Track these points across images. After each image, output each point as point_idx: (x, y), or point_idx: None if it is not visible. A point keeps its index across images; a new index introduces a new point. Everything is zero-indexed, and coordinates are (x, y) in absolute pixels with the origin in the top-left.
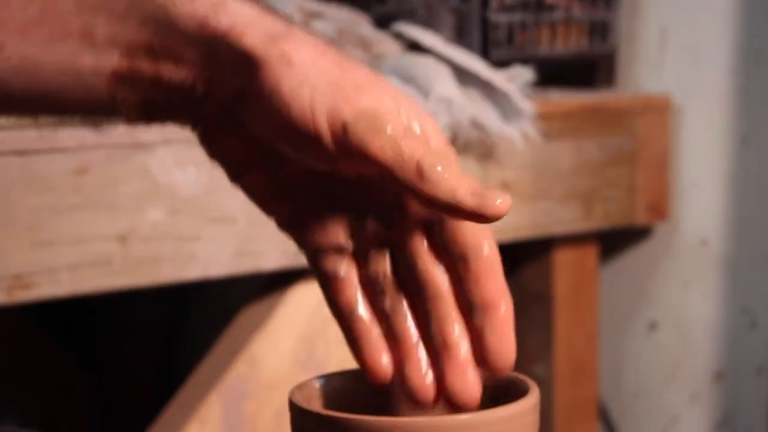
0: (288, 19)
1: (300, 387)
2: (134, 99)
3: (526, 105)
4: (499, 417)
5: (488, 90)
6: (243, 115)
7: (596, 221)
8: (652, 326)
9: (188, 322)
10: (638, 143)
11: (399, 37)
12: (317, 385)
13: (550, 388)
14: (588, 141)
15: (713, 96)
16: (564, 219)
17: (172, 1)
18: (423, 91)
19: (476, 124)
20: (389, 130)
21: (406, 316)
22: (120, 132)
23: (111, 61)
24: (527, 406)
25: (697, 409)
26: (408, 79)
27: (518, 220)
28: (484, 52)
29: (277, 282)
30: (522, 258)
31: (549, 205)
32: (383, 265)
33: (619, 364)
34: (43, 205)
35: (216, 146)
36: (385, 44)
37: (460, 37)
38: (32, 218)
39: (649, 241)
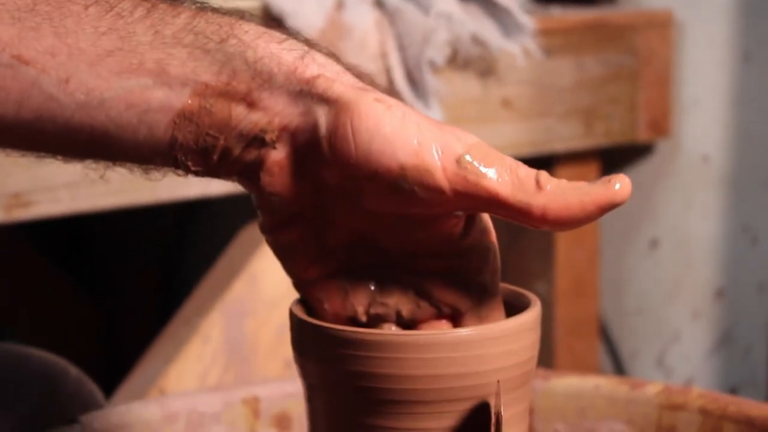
0: (369, 80)
1: (301, 299)
2: (194, 142)
3: (527, 20)
4: (500, 330)
5: (489, 5)
6: (318, 162)
7: (597, 138)
8: (653, 244)
9: (189, 241)
10: (640, 59)
11: None
12: None
13: (550, 305)
14: (589, 57)
15: (716, 12)
16: (565, 136)
17: (254, 45)
18: (423, 7)
19: (477, 40)
20: (505, 160)
21: None
22: None
23: (181, 99)
24: (529, 319)
25: (697, 326)
26: None
27: (518, 137)
28: None
29: None
30: None
31: (549, 122)
32: None
33: (619, 281)
34: None
35: (266, 194)
36: None
37: None
38: None
39: (651, 158)
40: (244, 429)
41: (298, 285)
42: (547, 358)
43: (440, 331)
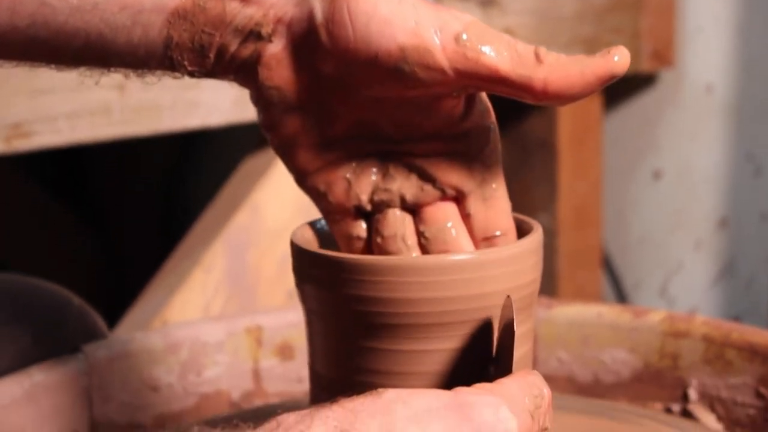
0: None
1: (302, 228)
2: (190, 41)
3: None
4: (501, 256)
5: None
6: (316, 52)
7: None
8: (657, 174)
9: (190, 172)
10: None
11: None
12: (320, 226)
13: (554, 236)
14: None
15: None
16: None
17: None
18: None
19: None
20: (503, 36)
21: None
22: None
23: None
24: (530, 245)
25: (701, 256)
26: None
27: None
28: None
29: None
30: (525, 106)
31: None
32: (402, 228)
33: (623, 212)
34: None
35: (265, 88)
36: None
37: None
38: None
39: (654, 88)
40: (247, 358)
41: (300, 180)
42: (550, 289)
43: (441, 255)
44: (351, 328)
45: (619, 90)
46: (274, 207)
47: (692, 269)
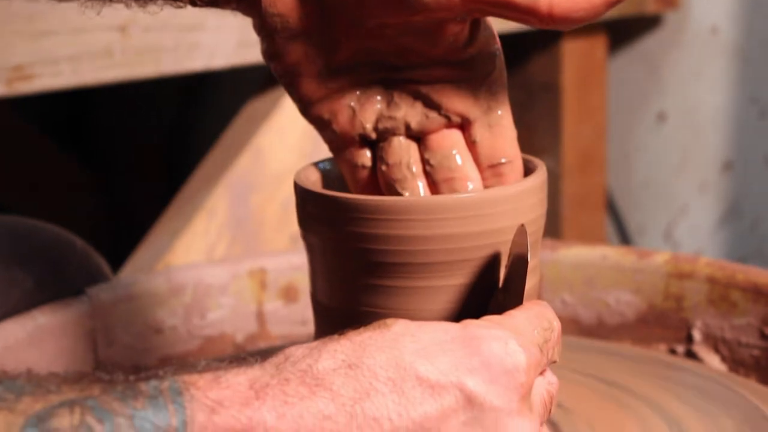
0: None
1: (306, 169)
2: None
3: None
4: (505, 194)
5: None
6: None
7: None
8: (661, 117)
9: (193, 116)
10: None
11: None
12: (323, 167)
13: (558, 179)
14: None
15: None
16: None
17: None
18: None
19: None
20: None
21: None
22: None
23: None
24: (533, 184)
25: (705, 198)
26: None
27: None
28: None
29: None
30: (529, 48)
31: None
32: (407, 155)
33: (627, 155)
34: None
35: (269, 15)
36: None
37: None
38: (32, 7)
39: (659, 30)
40: (251, 301)
41: (304, 110)
42: (554, 232)
43: (446, 195)
44: (355, 267)
45: (624, 32)
46: (277, 151)
47: (697, 212)
